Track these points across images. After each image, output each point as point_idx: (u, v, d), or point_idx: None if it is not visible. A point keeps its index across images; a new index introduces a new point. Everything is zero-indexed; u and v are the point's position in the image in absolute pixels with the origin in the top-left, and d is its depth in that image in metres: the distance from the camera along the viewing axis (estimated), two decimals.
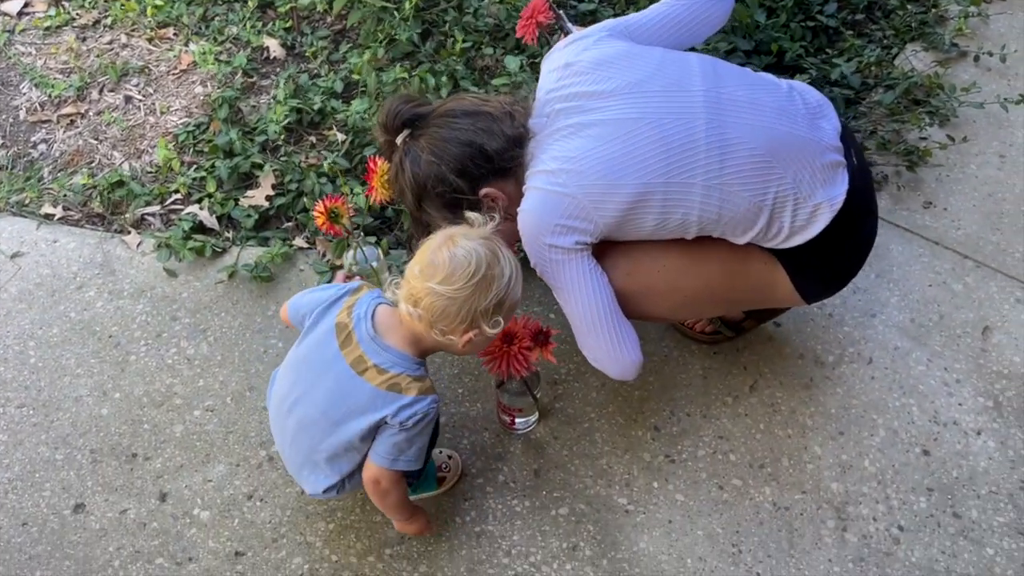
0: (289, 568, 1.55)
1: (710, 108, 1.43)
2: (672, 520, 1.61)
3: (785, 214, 1.44)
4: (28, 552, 1.58)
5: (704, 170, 1.40)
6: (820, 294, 1.63)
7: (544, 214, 1.42)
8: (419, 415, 1.35)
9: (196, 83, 2.46)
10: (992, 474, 1.66)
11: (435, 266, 1.30)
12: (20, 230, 2.13)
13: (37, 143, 2.36)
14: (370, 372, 1.36)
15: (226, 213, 2.12)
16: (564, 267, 1.45)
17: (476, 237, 1.34)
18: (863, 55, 2.40)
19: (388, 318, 1.40)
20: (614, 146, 1.41)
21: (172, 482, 1.67)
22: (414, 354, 1.38)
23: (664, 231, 1.46)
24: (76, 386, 1.82)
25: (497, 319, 1.34)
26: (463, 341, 1.34)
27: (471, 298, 1.30)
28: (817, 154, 1.45)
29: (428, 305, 1.31)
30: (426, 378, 1.38)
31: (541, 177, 1.44)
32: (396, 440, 1.36)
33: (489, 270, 1.31)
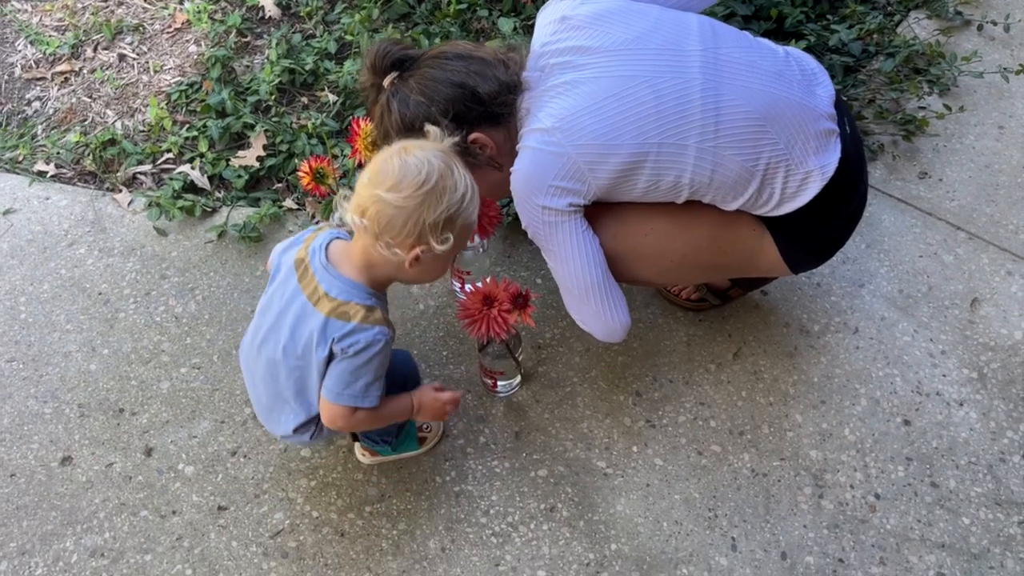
0: (270, 523, 1.57)
1: (706, 69, 1.41)
2: (650, 484, 1.62)
3: (776, 180, 1.42)
4: (15, 502, 1.61)
5: (699, 131, 1.38)
6: (808, 264, 1.63)
7: (538, 174, 1.40)
8: (361, 343, 1.30)
9: (190, 42, 2.45)
10: (972, 445, 1.66)
11: (384, 174, 1.24)
12: (12, 187, 2.14)
13: (31, 100, 2.37)
14: (322, 301, 1.32)
15: (217, 173, 2.13)
16: (557, 229, 1.43)
17: (431, 148, 1.28)
18: (865, 22, 2.36)
19: (342, 248, 1.37)
20: (609, 105, 1.38)
21: (158, 437, 1.69)
22: (366, 283, 1.34)
23: (655, 193, 1.44)
24: (65, 342, 1.84)
25: (447, 236, 1.27)
26: (410, 258, 1.27)
27: (419, 208, 1.23)
28: (811, 120, 1.44)
29: (374, 214, 1.24)
30: (377, 309, 1.33)
31: (535, 136, 1.40)
32: (339, 370, 1.33)
33: (441, 181, 1.25)
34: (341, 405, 1.34)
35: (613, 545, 1.54)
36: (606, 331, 1.52)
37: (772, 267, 1.58)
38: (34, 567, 1.53)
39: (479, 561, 1.52)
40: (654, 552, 1.53)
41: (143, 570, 1.52)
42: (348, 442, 1.65)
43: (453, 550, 1.54)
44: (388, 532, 1.56)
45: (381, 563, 1.52)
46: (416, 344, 1.81)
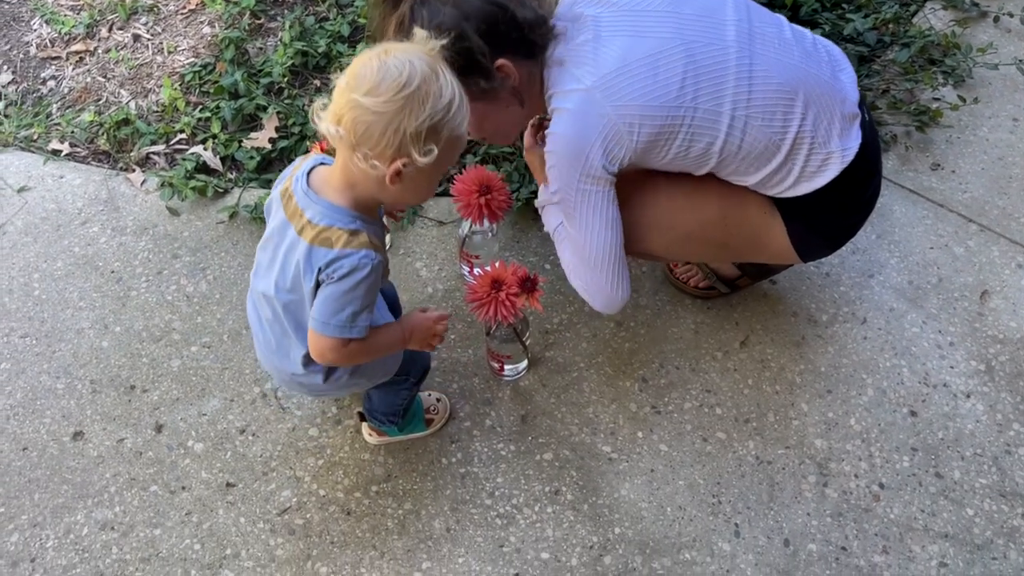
0: (278, 500, 1.59)
1: (741, 38, 1.39)
2: (654, 469, 1.63)
3: (799, 156, 1.42)
4: (27, 476, 1.63)
5: (732, 98, 1.37)
6: (818, 251, 1.63)
7: (579, 138, 1.36)
8: (345, 268, 1.21)
9: (204, 23, 2.46)
10: (978, 437, 1.66)
11: (362, 77, 1.12)
12: (27, 165, 2.15)
13: (46, 79, 2.38)
14: (306, 229, 1.23)
15: (230, 154, 2.14)
16: (589, 197, 1.41)
17: (416, 50, 1.16)
18: (880, 11, 2.35)
19: (324, 172, 1.27)
20: (648, 66, 1.35)
21: (168, 414, 1.71)
22: (348, 205, 1.23)
23: (683, 161, 1.42)
24: (78, 318, 1.86)
25: (430, 148, 1.15)
26: (391, 172, 1.15)
27: (399, 115, 1.11)
28: (837, 102, 1.44)
29: (351, 122, 1.12)
30: (362, 232, 1.22)
31: (575, 96, 1.35)
32: (324, 296, 1.23)
33: (425, 85, 1.12)
34: (328, 336, 1.25)
35: (617, 529, 1.56)
36: (608, 302, 1.52)
37: (779, 252, 1.58)
38: (45, 539, 1.55)
39: (483, 542, 1.54)
40: (657, 537, 1.55)
41: (152, 544, 1.54)
42: (356, 422, 1.67)
43: (458, 530, 1.55)
44: (394, 512, 1.58)
45: (386, 542, 1.54)
46: None
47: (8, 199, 2.08)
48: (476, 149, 2.10)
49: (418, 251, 1.96)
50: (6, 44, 2.49)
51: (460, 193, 1.62)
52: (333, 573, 1.50)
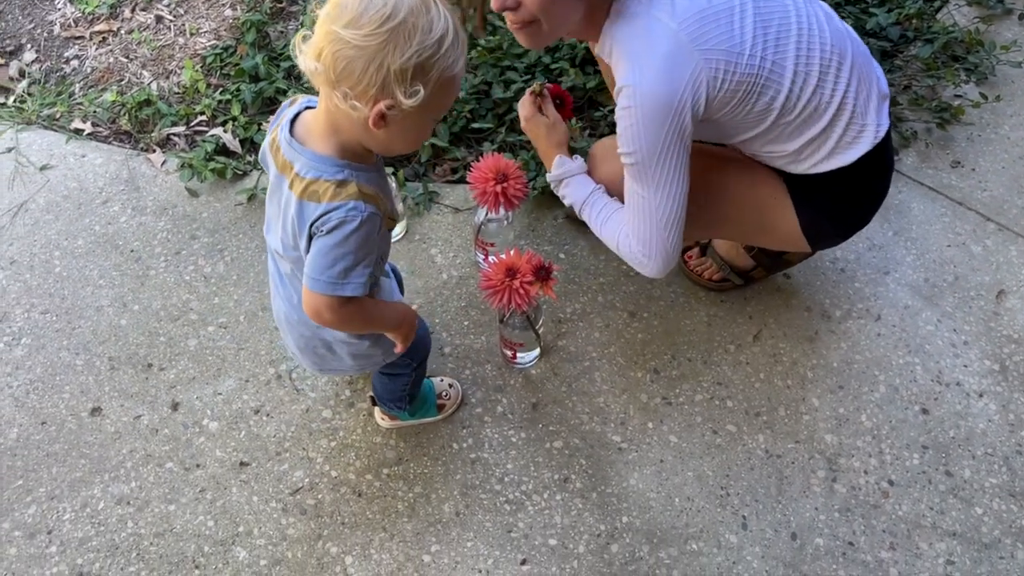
0: (290, 480, 1.61)
1: (797, 5, 1.39)
2: (664, 460, 1.64)
3: (840, 123, 1.42)
4: (46, 449, 1.66)
5: (795, 52, 1.36)
6: (827, 239, 1.62)
7: (671, 87, 1.28)
8: (333, 220, 1.12)
9: (226, 6, 2.47)
10: (990, 436, 1.66)
11: (343, 6, 1.02)
12: (50, 143, 2.18)
13: (70, 59, 2.40)
14: (295, 182, 1.15)
15: (249, 137, 2.15)
16: (675, 152, 1.34)
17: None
18: (904, 6, 2.33)
19: (309, 118, 1.17)
20: (725, 13, 1.31)
21: (184, 393, 1.73)
22: (334, 152, 1.13)
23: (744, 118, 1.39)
24: (98, 296, 1.88)
25: (416, 88, 1.04)
26: (374, 114, 1.05)
27: (382, 50, 1.01)
28: (875, 77, 1.46)
29: (330, 56, 1.02)
30: (351, 182, 1.13)
31: (661, 37, 1.28)
32: (314, 251, 1.15)
33: (412, 17, 1.01)
34: (319, 293, 1.16)
35: (624, 518, 1.57)
36: (667, 262, 1.46)
37: (788, 236, 1.58)
38: (62, 512, 1.58)
39: (492, 527, 1.55)
40: (665, 526, 1.56)
41: (167, 519, 1.57)
42: (368, 405, 1.68)
43: (467, 515, 1.57)
44: (404, 494, 1.59)
45: (396, 524, 1.56)
46: (438, 313, 1.84)
47: (31, 177, 2.10)
48: (493, 137, 2.11)
49: (433, 237, 1.97)
50: (30, 23, 2.52)
51: (476, 181, 1.63)
52: (343, 553, 1.52)
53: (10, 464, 1.64)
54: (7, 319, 1.84)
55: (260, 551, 1.53)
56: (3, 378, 1.75)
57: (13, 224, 2.01)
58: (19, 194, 2.07)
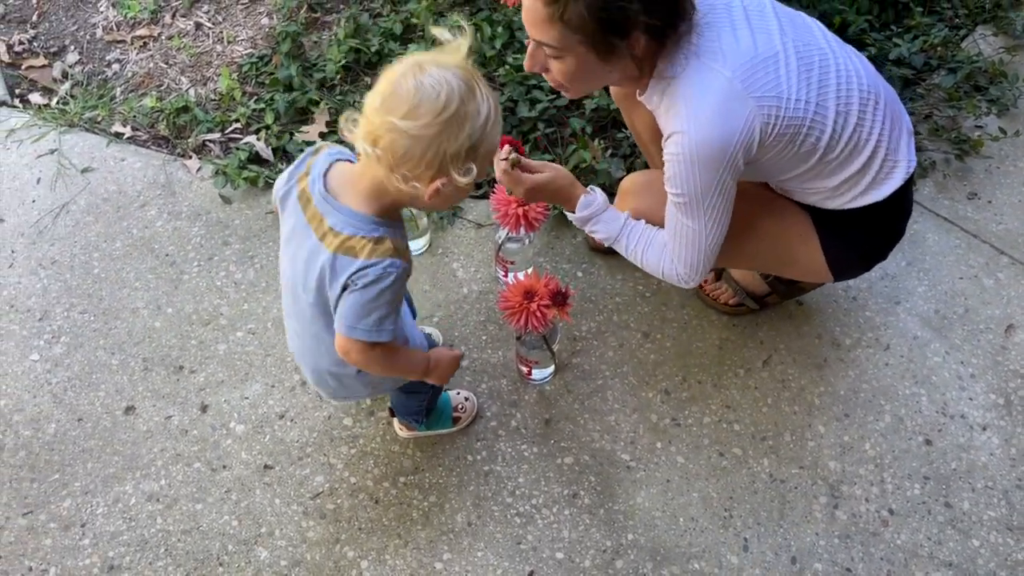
0: (311, 485, 1.69)
1: (830, 42, 1.44)
2: (670, 480, 1.69)
3: (876, 160, 1.46)
4: (81, 445, 1.75)
5: (835, 93, 1.40)
6: (849, 271, 1.67)
7: (725, 134, 1.32)
8: (371, 276, 1.21)
9: (263, 14, 2.54)
10: (991, 469, 1.70)
11: (398, 97, 1.10)
12: (91, 146, 2.26)
13: (111, 62, 2.49)
14: (328, 237, 1.23)
15: (281, 146, 2.22)
16: (725, 192, 1.39)
17: (450, 66, 1.13)
18: (930, 34, 2.35)
19: (344, 173, 1.26)
20: (773, 60, 1.34)
21: (213, 395, 1.81)
22: (374, 212, 1.22)
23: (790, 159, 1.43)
24: (134, 298, 1.97)
25: (469, 167, 1.16)
26: (430, 191, 1.16)
27: (439, 138, 1.11)
28: (902, 115, 1.51)
29: (388, 144, 1.12)
30: (386, 239, 1.22)
31: (714, 85, 1.31)
32: (351, 302, 1.24)
33: (462, 106, 1.11)
34: (354, 339, 1.26)
35: (630, 535, 1.63)
36: (702, 276, 1.52)
37: (812, 268, 1.62)
38: (95, 506, 1.67)
39: (502, 538, 1.62)
40: (668, 545, 1.61)
41: (194, 518, 1.65)
42: (387, 415, 1.75)
43: (479, 525, 1.64)
44: (419, 503, 1.66)
45: (411, 531, 1.63)
46: (458, 327, 1.90)
47: (72, 179, 2.19)
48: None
49: (456, 252, 2.03)
50: (74, 25, 2.60)
51: (499, 203, 1.68)
52: (360, 557, 1.60)
53: (48, 458, 1.73)
54: (48, 317, 1.93)
55: (281, 552, 1.61)
56: (43, 375, 1.85)
57: (55, 225, 2.10)
58: (61, 195, 2.16)
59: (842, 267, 1.62)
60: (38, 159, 2.24)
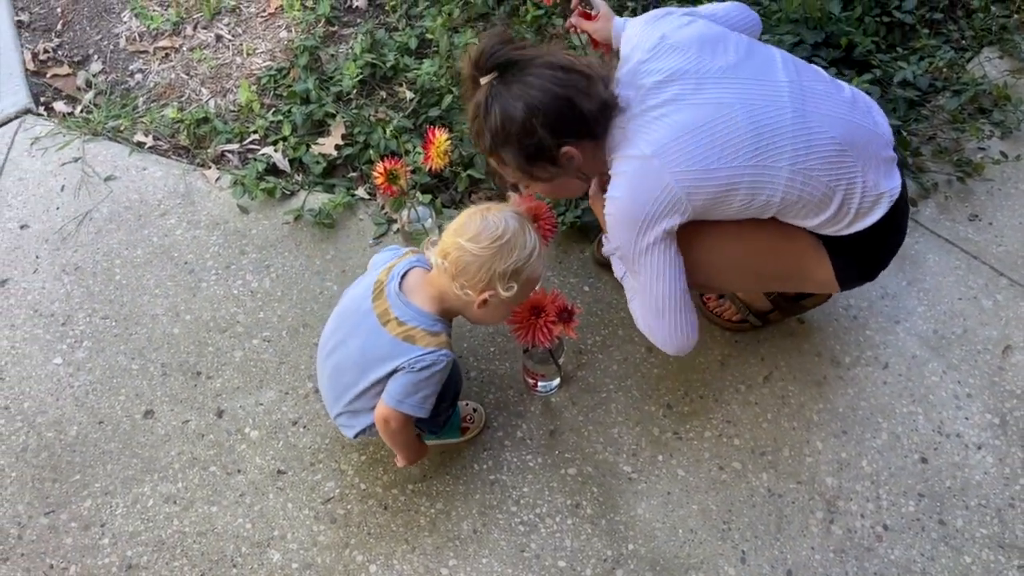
0: (323, 490, 1.75)
1: (794, 96, 1.49)
2: (671, 492, 1.74)
3: (854, 199, 1.51)
4: (102, 447, 1.81)
5: (791, 154, 1.46)
6: (855, 281, 1.71)
7: (638, 204, 1.46)
8: (427, 361, 1.48)
9: (282, 28, 2.61)
10: (985, 488, 1.74)
11: (467, 226, 1.47)
12: (114, 155, 2.33)
13: (134, 72, 2.55)
14: (391, 324, 1.51)
15: (298, 157, 2.29)
16: (651, 255, 1.50)
17: (510, 210, 1.50)
18: (935, 56, 2.39)
19: (417, 278, 1.56)
20: (707, 132, 1.44)
21: (229, 401, 1.87)
22: (435, 312, 1.52)
23: (747, 212, 1.51)
24: (153, 305, 2.03)
25: (512, 285, 1.47)
26: (479, 300, 1.47)
27: (492, 258, 1.44)
28: (880, 147, 1.55)
29: (454, 259, 1.45)
30: (441, 334, 1.52)
31: (634, 163, 1.46)
32: (404, 382, 1.49)
33: (514, 238, 1.45)
34: (399, 411, 1.51)
35: (630, 545, 1.68)
36: (679, 346, 1.60)
37: (823, 282, 1.67)
38: (115, 507, 1.73)
39: (506, 546, 1.67)
40: (668, 556, 1.66)
41: (209, 520, 1.71)
42: None
43: (484, 533, 1.69)
44: (427, 510, 1.72)
45: (418, 537, 1.68)
46: (466, 338, 1.95)
47: (95, 187, 2.26)
48: None
49: None
50: (98, 34, 2.67)
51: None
52: (368, 562, 1.65)
53: (69, 460, 1.79)
54: (71, 322, 2.00)
55: (292, 555, 1.66)
56: (66, 378, 1.91)
57: (78, 232, 2.17)
58: (84, 203, 2.22)
59: (846, 279, 1.66)
60: (62, 167, 2.31)
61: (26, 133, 2.39)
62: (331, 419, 1.68)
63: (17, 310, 2.03)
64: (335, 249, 2.12)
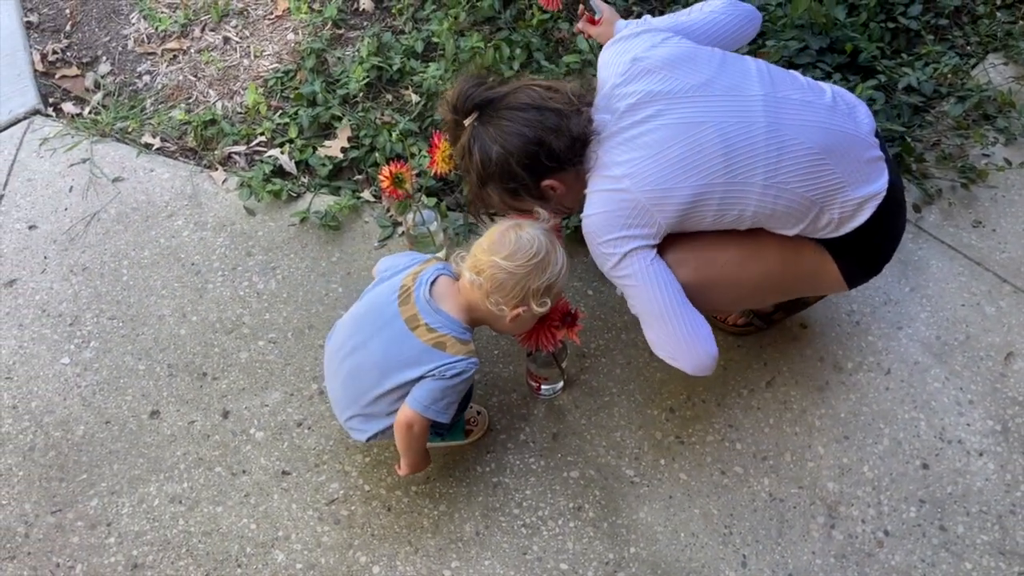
0: (327, 491, 1.76)
1: (768, 109, 1.51)
2: (673, 496, 1.75)
3: (834, 207, 1.53)
4: (109, 447, 1.83)
5: (763, 169, 1.49)
6: (860, 278, 1.71)
7: (607, 220, 1.52)
8: (458, 368, 1.52)
9: (289, 30, 2.62)
10: (986, 495, 1.74)
11: (502, 244, 1.50)
12: (122, 156, 2.35)
13: (142, 74, 2.57)
14: (421, 330, 1.53)
15: (304, 159, 2.30)
16: (629, 266, 1.54)
17: (539, 227, 1.54)
18: (940, 62, 2.39)
19: (446, 287, 1.59)
20: (677, 150, 1.49)
21: (234, 402, 1.89)
22: (464, 321, 1.56)
23: (720, 224, 1.56)
24: (160, 306, 2.05)
25: (545, 300, 1.53)
26: (512, 315, 1.52)
27: (528, 276, 1.49)
28: (862, 149, 1.56)
29: (490, 276, 1.50)
30: (470, 343, 1.55)
31: (605, 183, 1.53)
32: (432, 387, 1.52)
33: (548, 256, 1.51)
34: (425, 416, 1.53)
35: (632, 548, 1.69)
36: (693, 361, 1.57)
37: (833, 284, 1.68)
38: (121, 506, 1.75)
39: (509, 548, 1.68)
40: (669, 559, 1.67)
41: (214, 520, 1.73)
42: None
43: (486, 535, 1.70)
44: (430, 512, 1.73)
45: (421, 539, 1.70)
46: None
47: (103, 188, 2.28)
48: None
49: None
50: (106, 36, 2.69)
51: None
52: (371, 563, 1.67)
53: (76, 459, 1.81)
54: (78, 323, 2.02)
55: (296, 555, 1.68)
56: (73, 378, 1.93)
57: (86, 232, 2.18)
58: (92, 204, 2.24)
59: (852, 277, 1.67)
60: (71, 167, 2.32)
61: (35, 134, 2.41)
62: (340, 421, 1.68)
63: (25, 310, 2.05)
64: (341, 251, 2.13)
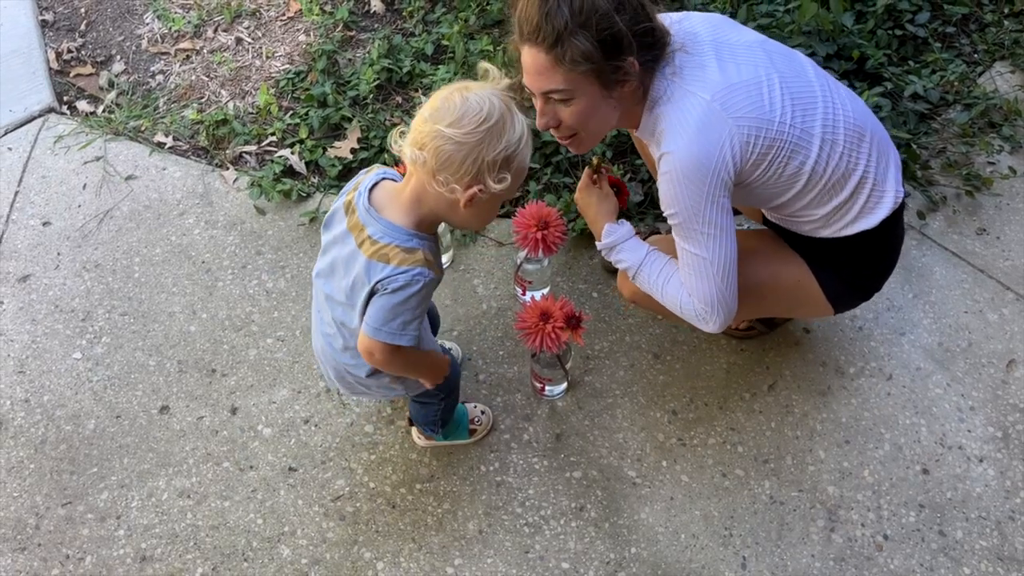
0: (333, 488, 1.78)
1: (820, 78, 1.52)
2: (674, 497, 1.77)
3: (864, 190, 1.54)
4: (119, 441, 1.86)
5: (822, 121, 1.47)
6: (848, 301, 1.72)
7: (707, 150, 1.39)
8: (400, 282, 1.31)
9: (300, 31, 2.65)
10: (985, 500, 1.76)
11: (445, 109, 1.25)
12: (135, 155, 2.38)
13: (155, 73, 2.60)
14: (365, 244, 1.34)
15: (314, 160, 2.33)
16: (718, 210, 1.43)
17: (491, 88, 1.29)
18: (947, 70, 2.40)
19: (390, 189, 1.38)
20: (753, 86, 1.42)
21: (242, 399, 1.92)
22: (410, 225, 1.34)
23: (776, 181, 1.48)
24: (171, 303, 2.08)
25: (504, 176, 1.28)
26: (466, 197, 1.28)
27: (479, 145, 1.24)
28: (890, 149, 1.59)
29: (434, 149, 1.24)
30: (418, 250, 1.33)
31: (695, 108, 1.39)
32: (378, 306, 1.34)
33: (502, 120, 1.26)
34: (378, 340, 1.35)
35: (633, 549, 1.71)
36: (726, 319, 1.53)
37: (817, 305, 1.69)
38: (130, 500, 1.78)
39: (511, 547, 1.71)
40: (669, 560, 1.69)
41: (222, 514, 1.75)
42: (406, 424, 1.84)
43: (489, 533, 1.72)
44: (434, 510, 1.75)
45: (425, 536, 1.72)
46: (476, 341, 1.99)
47: (116, 186, 2.31)
48: (539, 177, 2.25)
49: (477, 268, 2.12)
50: (120, 35, 2.72)
51: (520, 226, 1.77)
52: (376, 559, 1.69)
53: (87, 452, 1.84)
54: (90, 318, 2.05)
55: (302, 551, 1.70)
56: (85, 372, 1.96)
57: (99, 230, 2.21)
58: (105, 201, 2.27)
59: (840, 299, 1.68)
60: (84, 165, 2.36)
61: (49, 131, 2.44)
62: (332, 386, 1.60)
63: (38, 305, 2.08)
64: None
